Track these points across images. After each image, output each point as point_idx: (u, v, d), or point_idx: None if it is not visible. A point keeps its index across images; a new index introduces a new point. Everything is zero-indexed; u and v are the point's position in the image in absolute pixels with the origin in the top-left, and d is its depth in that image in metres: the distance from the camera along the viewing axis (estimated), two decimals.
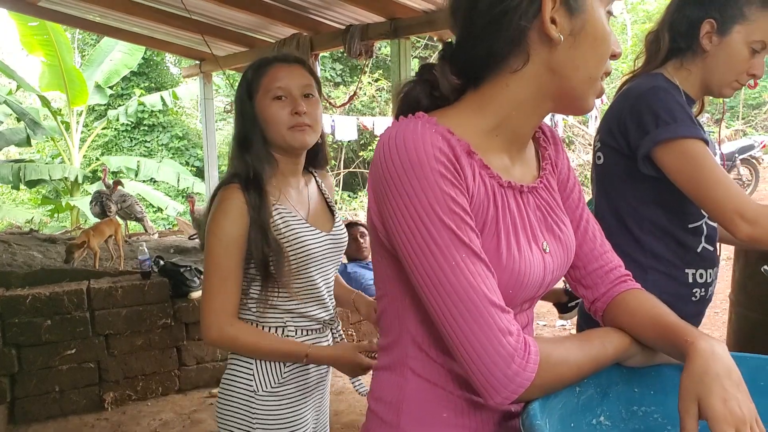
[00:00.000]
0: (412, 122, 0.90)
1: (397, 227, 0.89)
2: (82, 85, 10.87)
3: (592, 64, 0.90)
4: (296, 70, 1.69)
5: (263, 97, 1.66)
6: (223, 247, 1.61)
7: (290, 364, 1.71)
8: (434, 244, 0.86)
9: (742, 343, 2.50)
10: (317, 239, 1.72)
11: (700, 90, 1.69)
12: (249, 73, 1.71)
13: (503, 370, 0.84)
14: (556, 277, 1.03)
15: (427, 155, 0.86)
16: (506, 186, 0.97)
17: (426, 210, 0.86)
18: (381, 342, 1.07)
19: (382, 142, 0.90)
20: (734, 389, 0.84)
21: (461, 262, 0.86)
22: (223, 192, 1.63)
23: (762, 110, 16.72)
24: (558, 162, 1.12)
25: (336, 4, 4.60)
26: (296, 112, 1.64)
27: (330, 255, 1.77)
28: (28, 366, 3.84)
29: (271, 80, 1.66)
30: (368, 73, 14.36)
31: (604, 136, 1.68)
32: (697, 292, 1.70)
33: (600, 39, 0.89)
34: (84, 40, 16.67)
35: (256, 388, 1.68)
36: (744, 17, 1.58)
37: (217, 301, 1.61)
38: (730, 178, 1.51)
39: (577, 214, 1.12)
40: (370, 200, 0.95)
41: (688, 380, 0.86)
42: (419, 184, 0.86)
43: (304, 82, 1.68)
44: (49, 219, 12.90)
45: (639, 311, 1.02)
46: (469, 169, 0.91)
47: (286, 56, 1.73)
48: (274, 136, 1.67)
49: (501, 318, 0.86)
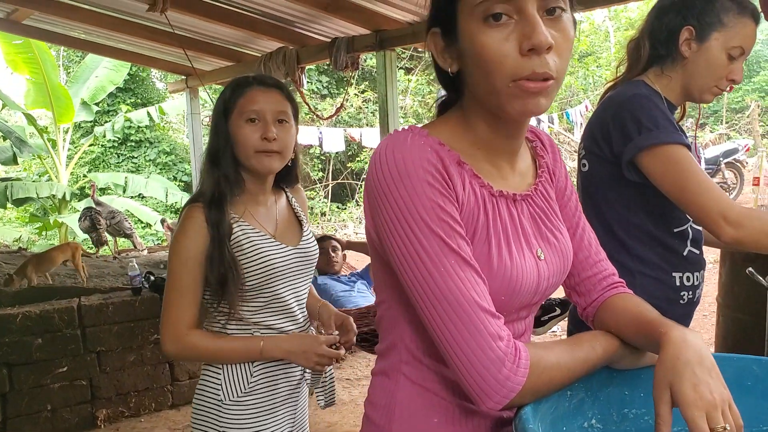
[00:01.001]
0: (403, 134, 0.94)
1: (389, 236, 0.92)
2: (68, 102, 10.83)
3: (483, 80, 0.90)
4: (273, 95, 1.72)
5: (237, 118, 1.70)
6: (182, 264, 1.67)
7: (257, 373, 1.74)
8: (424, 251, 0.89)
9: (731, 344, 2.53)
10: (282, 254, 1.75)
11: (681, 96, 1.72)
12: (227, 91, 1.74)
13: (494, 374, 0.86)
14: (553, 283, 1.05)
15: (415, 166, 0.90)
16: (497, 195, 0.99)
17: (415, 219, 0.89)
18: (378, 347, 1.10)
19: (375, 155, 0.94)
20: (705, 375, 0.85)
21: (450, 269, 0.88)
22: (187, 211, 1.70)
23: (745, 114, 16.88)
24: (555, 170, 1.14)
25: (322, 18, 4.63)
26: (265, 137, 1.68)
27: (298, 268, 1.80)
28: (19, 385, 3.82)
29: (247, 102, 1.69)
30: (355, 85, 14.40)
31: (588, 144, 1.71)
32: (685, 295, 1.72)
33: (475, 56, 0.89)
34: (69, 57, 16.62)
35: (224, 397, 1.72)
36: (722, 24, 1.61)
37: (174, 314, 1.67)
38: (713, 182, 1.54)
39: (574, 221, 1.15)
40: (366, 212, 0.98)
41: (661, 368, 0.88)
42: (408, 194, 0.89)
43: (279, 108, 1.71)
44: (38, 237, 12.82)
45: (623, 312, 1.05)
46: (458, 178, 0.94)
47: (265, 79, 1.76)
48: (242, 158, 1.71)
49: (491, 323, 0.88)
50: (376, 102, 4.81)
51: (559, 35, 0.87)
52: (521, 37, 0.85)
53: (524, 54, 0.85)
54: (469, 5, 0.88)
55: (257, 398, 1.75)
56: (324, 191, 15.05)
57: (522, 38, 0.85)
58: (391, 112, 4.72)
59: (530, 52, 0.85)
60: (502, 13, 0.86)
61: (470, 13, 0.88)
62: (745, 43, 1.63)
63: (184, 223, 1.68)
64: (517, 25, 0.86)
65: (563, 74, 0.90)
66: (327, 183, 15.09)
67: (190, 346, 1.66)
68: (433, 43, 0.97)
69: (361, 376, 4.89)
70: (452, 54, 0.95)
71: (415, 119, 14.47)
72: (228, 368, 1.73)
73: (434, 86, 14.86)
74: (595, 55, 17.06)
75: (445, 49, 0.95)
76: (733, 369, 1.02)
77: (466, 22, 0.89)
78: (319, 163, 15.58)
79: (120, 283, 4.53)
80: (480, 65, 0.88)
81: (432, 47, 0.97)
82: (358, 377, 4.89)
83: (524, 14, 0.85)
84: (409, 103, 14.81)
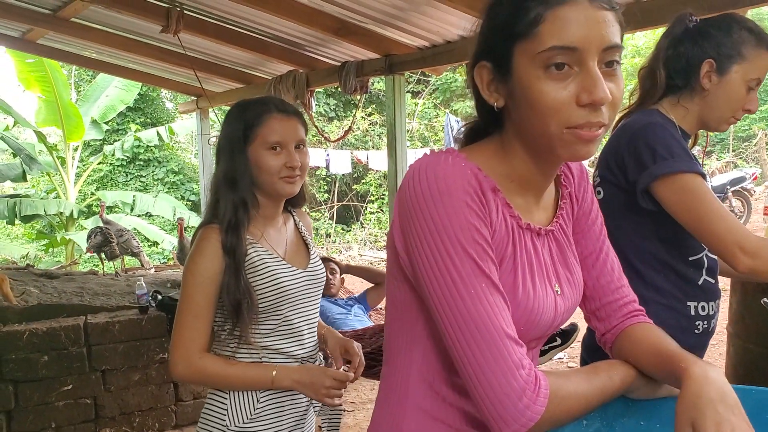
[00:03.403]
0: (443, 155, 0.95)
1: (420, 252, 0.91)
2: (78, 120, 10.92)
3: (535, 123, 0.91)
4: (293, 123, 1.75)
5: (259, 146, 1.71)
6: (197, 285, 1.67)
7: (264, 400, 1.73)
8: (456, 271, 0.89)
9: (742, 375, 2.50)
10: (293, 276, 1.77)
11: (696, 125, 1.73)
12: (247, 116, 1.74)
13: (514, 403, 0.86)
14: (565, 318, 1.06)
15: (456, 186, 0.90)
16: (525, 227, 1.00)
17: (450, 238, 0.89)
18: (383, 370, 1.08)
19: (413, 170, 0.94)
20: (728, 413, 0.85)
21: (480, 292, 0.88)
22: (203, 232, 1.70)
23: (752, 142, 16.89)
24: (579, 194, 1.14)
25: (332, 42, 4.67)
26: (291, 166, 1.71)
27: (307, 291, 1.81)
28: (24, 402, 3.80)
29: (269, 132, 1.71)
30: (362, 108, 14.47)
31: (602, 172, 1.71)
32: (700, 325, 1.71)
33: (530, 101, 0.90)
34: (80, 76, 16.77)
35: (229, 423, 1.71)
36: (741, 56, 1.62)
37: (187, 336, 1.66)
38: (729, 211, 1.54)
39: (598, 245, 1.15)
40: (395, 224, 0.98)
41: (683, 405, 0.88)
42: (446, 212, 0.89)
43: (298, 136, 1.75)
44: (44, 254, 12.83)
45: (643, 342, 1.05)
46: (493, 204, 0.95)
47: (285, 107, 1.78)
48: (264, 183, 1.73)
49: (515, 351, 0.88)
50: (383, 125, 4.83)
51: (614, 86, 0.89)
52: (580, 89, 0.87)
53: (581, 105, 0.87)
54: (529, 51, 0.88)
55: (263, 425, 1.74)
56: (329, 213, 15.06)
57: (581, 90, 0.87)
58: (399, 136, 4.73)
59: (588, 105, 0.87)
60: (565, 64, 0.87)
61: (530, 58, 0.89)
62: (762, 74, 1.64)
63: (200, 244, 1.68)
64: (577, 76, 0.87)
65: (613, 121, 0.93)
66: (332, 204, 15.11)
67: (201, 371, 1.66)
68: (480, 76, 0.97)
69: (366, 400, 4.86)
70: (500, 89, 0.95)
71: (421, 142, 14.50)
72: (234, 394, 1.72)
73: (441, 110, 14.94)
74: None
75: (492, 83, 0.96)
76: (752, 402, 1.01)
77: (524, 65, 0.90)
78: (325, 184, 15.61)
79: (127, 301, 4.51)
80: (535, 109, 0.89)
81: (479, 80, 0.97)
82: (363, 401, 4.86)
83: (585, 67, 0.87)
84: (416, 126, 14.86)
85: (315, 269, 1.86)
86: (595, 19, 0.87)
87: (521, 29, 0.89)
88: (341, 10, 4.09)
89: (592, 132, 0.89)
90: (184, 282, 1.70)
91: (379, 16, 4.06)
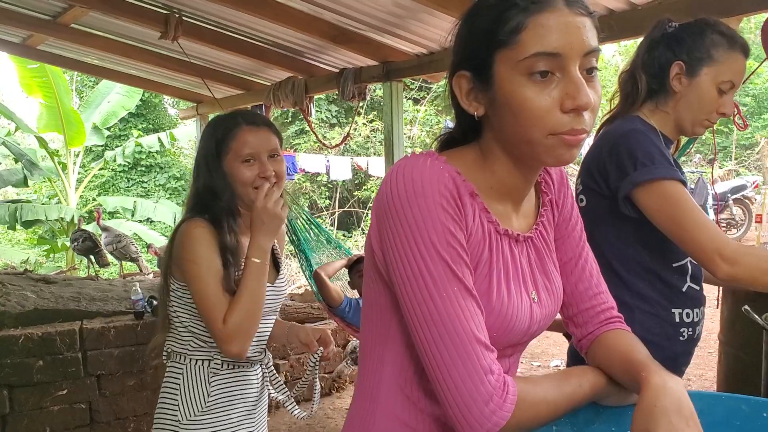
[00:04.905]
0: (421, 157, 0.95)
1: (395, 254, 0.92)
2: (79, 126, 10.94)
3: (518, 130, 0.92)
4: (263, 133, 1.79)
5: (233, 160, 1.76)
6: (207, 269, 1.68)
7: (214, 393, 1.78)
8: (428, 274, 0.89)
9: (732, 383, 2.50)
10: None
11: (675, 130, 1.73)
12: (217, 132, 1.78)
13: (481, 408, 0.86)
14: (542, 326, 1.06)
15: (432, 188, 0.90)
16: (502, 233, 1.00)
17: (425, 240, 0.89)
18: (358, 371, 1.09)
19: (391, 172, 0.94)
20: (682, 424, 0.85)
21: (452, 296, 0.89)
22: (189, 224, 1.72)
23: (754, 150, 16.86)
24: (560, 201, 1.14)
25: (330, 49, 4.68)
26: (264, 176, 1.75)
27: (270, 306, 1.85)
28: (19, 407, 3.80)
29: (241, 145, 1.75)
30: (363, 115, 14.50)
31: (585, 179, 1.72)
32: (685, 332, 1.71)
33: (514, 108, 0.90)
34: (82, 81, 16.82)
35: (181, 417, 1.75)
36: (711, 59, 1.63)
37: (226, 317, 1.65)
38: (709, 218, 1.54)
39: (577, 251, 1.15)
40: (372, 225, 0.98)
41: (638, 415, 0.88)
42: (421, 215, 0.90)
43: (270, 146, 1.79)
44: (45, 259, 12.85)
45: (613, 349, 1.05)
46: (470, 208, 0.95)
47: (254, 119, 1.82)
48: (242, 195, 1.77)
49: (485, 356, 0.88)
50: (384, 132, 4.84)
51: (593, 93, 0.90)
52: (564, 96, 0.88)
53: (565, 111, 0.88)
54: (511, 58, 0.89)
55: (214, 417, 1.78)
56: (330, 219, 15.07)
57: (565, 96, 0.88)
58: (397, 142, 4.74)
59: (572, 111, 0.88)
60: (548, 71, 0.88)
61: (512, 66, 0.89)
62: (735, 77, 1.65)
63: (195, 232, 1.70)
64: (560, 83, 0.88)
65: (593, 127, 0.93)
66: (334, 211, 15.11)
67: (244, 331, 1.66)
68: (459, 85, 0.97)
69: None
70: (479, 98, 0.95)
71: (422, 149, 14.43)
72: (185, 388, 1.76)
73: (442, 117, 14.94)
74: (605, 90, 17.13)
75: (471, 92, 0.96)
76: (723, 408, 1.02)
77: (506, 73, 0.90)
78: (327, 190, 15.63)
79: (123, 307, 4.51)
80: (519, 117, 0.90)
81: (457, 89, 0.97)
82: None
83: (567, 73, 0.88)
84: (417, 133, 14.87)
85: (281, 285, 1.92)
86: (575, 24, 0.88)
87: (502, 37, 0.89)
88: (339, 17, 4.10)
89: (576, 136, 0.90)
90: (191, 274, 1.70)
91: (377, 23, 4.07)
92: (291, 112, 12.86)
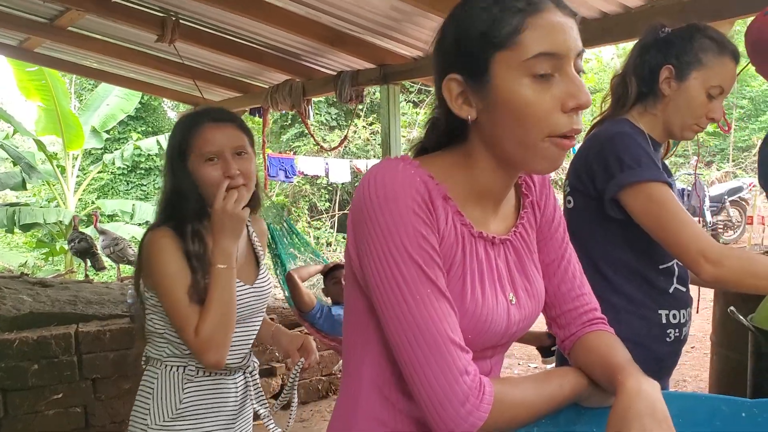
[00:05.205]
0: (394, 162, 0.96)
1: (369, 258, 0.93)
2: (78, 129, 10.95)
3: (516, 132, 0.92)
4: (228, 129, 1.69)
5: (196, 159, 1.67)
6: (172, 280, 1.62)
7: (187, 399, 1.71)
8: (401, 277, 0.90)
9: (724, 383, 2.51)
10: (240, 293, 1.72)
11: (664, 133, 1.74)
12: (179, 131, 1.71)
13: (457, 408, 0.86)
14: (522, 327, 1.06)
15: (403, 193, 0.91)
16: (477, 235, 1.00)
17: (396, 244, 0.90)
18: (342, 373, 1.10)
19: (365, 178, 0.95)
20: (655, 427, 0.86)
21: (426, 298, 0.89)
22: (153, 234, 1.67)
23: (751, 152, 16.86)
24: (542, 202, 1.14)
25: (327, 52, 4.70)
26: (228, 175, 1.65)
27: (252, 307, 1.78)
28: (14, 411, 3.80)
29: (203, 143, 1.66)
30: (363, 117, 14.51)
31: (573, 181, 1.73)
32: (671, 333, 1.72)
33: (515, 109, 0.90)
34: (81, 84, 16.83)
35: (150, 422, 1.70)
36: (701, 63, 1.63)
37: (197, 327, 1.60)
38: (694, 220, 1.55)
39: (560, 253, 1.15)
40: (349, 231, 1.00)
41: (612, 417, 0.89)
42: (392, 219, 0.90)
43: (236, 142, 1.68)
44: (43, 263, 12.85)
45: (593, 351, 1.05)
46: (442, 212, 0.95)
47: (218, 114, 1.72)
48: (208, 196, 1.68)
49: (460, 357, 0.89)
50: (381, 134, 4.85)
51: None
52: (565, 95, 0.89)
53: (566, 111, 0.89)
54: (512, 60, 0.89)
55: (185, 424, 1.72)
56: (330, 221, 15.07)
57: (566, 96, 0.89)
58: (394, 145, 4.76)
59: (572, 111, 0.89)
60: (549, 72, 0.89)
61: (513, 67, 0.89)
62: (725, 82, 1.65)
63: (159, 244, 1.65)
64: (559, 83, 0.89)
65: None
66: (333, 213, 15.12)
67: (218, 341, 1.61)
68: (449, 89, 0.96)
69: None
70: (471, 101, 0.94)
71: None
72: (158, 393, 1.71)
73: None
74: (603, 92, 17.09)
75: (462, 95, 0.95)
76: (704, 409, 1.02)
77: (505, 75, 0.90)
78: (326, 193, 15.63)
79: (119, 310, 4.51)
80: (520, 118, 0.90)
81: (447, 93, 0.96)
82: None
83: (565, 73, 0.89)
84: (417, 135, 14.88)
85: (262, 285, 1.83)
86: (568, 25, 0.90)
87: (501, 39, 0.89)
88: (336, 21, 4.11)
89: (571, 140, 0.91)
90: (159, 285, 1.65)
91: (374, 26, 4.09)
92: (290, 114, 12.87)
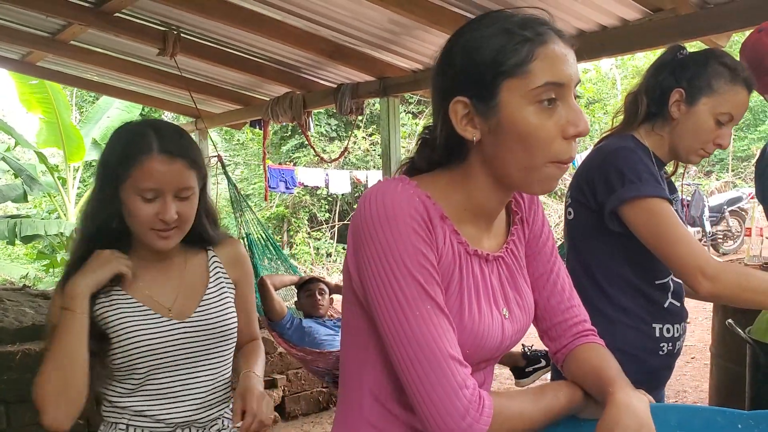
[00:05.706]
0: (393, 182, 0.98)
1: (369, 276, 0.95)
2: (79, 141, 10.99)
3: (520, 156, 0.95)
4: (175, 167, 1.44)
5: (130, 188, 1.43)
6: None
7: None
8: (402, 294, 0.92)
9: (723, 394, 2.52)
10: (159, 329, 1.49)
11: (669, 154, 1.75)
12: (119, 149, 1.47)
13: (457, 422, 0.89)
14: (514, 341, 1.09)
15: (403, 212, 0.94)
16: (472, 253, 1.03)
17: (397, 262, 0.93)
18: (339, 391, 1.11)
19: (365, 196, 0.98)
20: None
21: (426, 314, 0.92)
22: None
23: (750, 162, 16.89)
24: (530, 218, 1.17)
25: (327, 65, 4.74)
26: (163, 219, 1.43)
27: (186, 346, 1.53)
28: (16, 423, 3.80)
29: (143, 176, 1.42)
30: (363, 128, 14.56)
31: (574, 193, 1.75)
32: (665, 347, 1.73)
33: (522, 134, 0.94)
34: (82, 97, 16.87)
35: None
36: (711, 89, 1.64)
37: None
38: (692, 236, 1.57)
39: (548, 266, 1.18)
40: (349, 249, 1.02)
41: (601, 430, 0.92)
42: (393, 237, 0.93)
43: (181, 184, 1.45)
44: (44, 274, 12.84)
45: (585, 363, 1.08)
46: (440, 231, 0.98)
47: (170, 148, 1.45)
48: (133, 230, 1.48)
49: (459, 371, 0.91)
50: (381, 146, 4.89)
51: None
52: (566, 123, 0.93)
53: (567, 138, 0.93)
54: (521, 88, 0.93)
55: None
56: (330, 232, 15.09)
57: (567, 124, 0.93)
58: (394, 156, 4.79)
59: (572, 137, 0.93)
60: (555, 99, 0.93)
61: (521, 95, 0.93)
62: (735, 110, 1.65)
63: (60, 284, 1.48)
64: (560, 111, 0.93)
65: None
66: (333, 224, 15.14)
67: (52, 398, 1.42)
68: (455, 111, 0.98)
69: None
70: (476, 123, 0.97)
71: None
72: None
73: None
74: (602, 102, 17.19)
75: (467, 117, 0.98)
76: (700, 421, 1.04)
77: (513, 101, 0.93)
78: (326, 204, 15.66)
79: None
80: (525, 143, 0.94)
81: (453, 115, 0.98)
82: None
83: (567, 102, 0.94)
84: None
85: (201, 319, 1.55)
86: (571, 56, 0.94)
87: (511, 67, 0.93)
88: (336, 34, 4.15)
89: (567, 166, 0.95)
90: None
91: (373, 39, 4.13)
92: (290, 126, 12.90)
